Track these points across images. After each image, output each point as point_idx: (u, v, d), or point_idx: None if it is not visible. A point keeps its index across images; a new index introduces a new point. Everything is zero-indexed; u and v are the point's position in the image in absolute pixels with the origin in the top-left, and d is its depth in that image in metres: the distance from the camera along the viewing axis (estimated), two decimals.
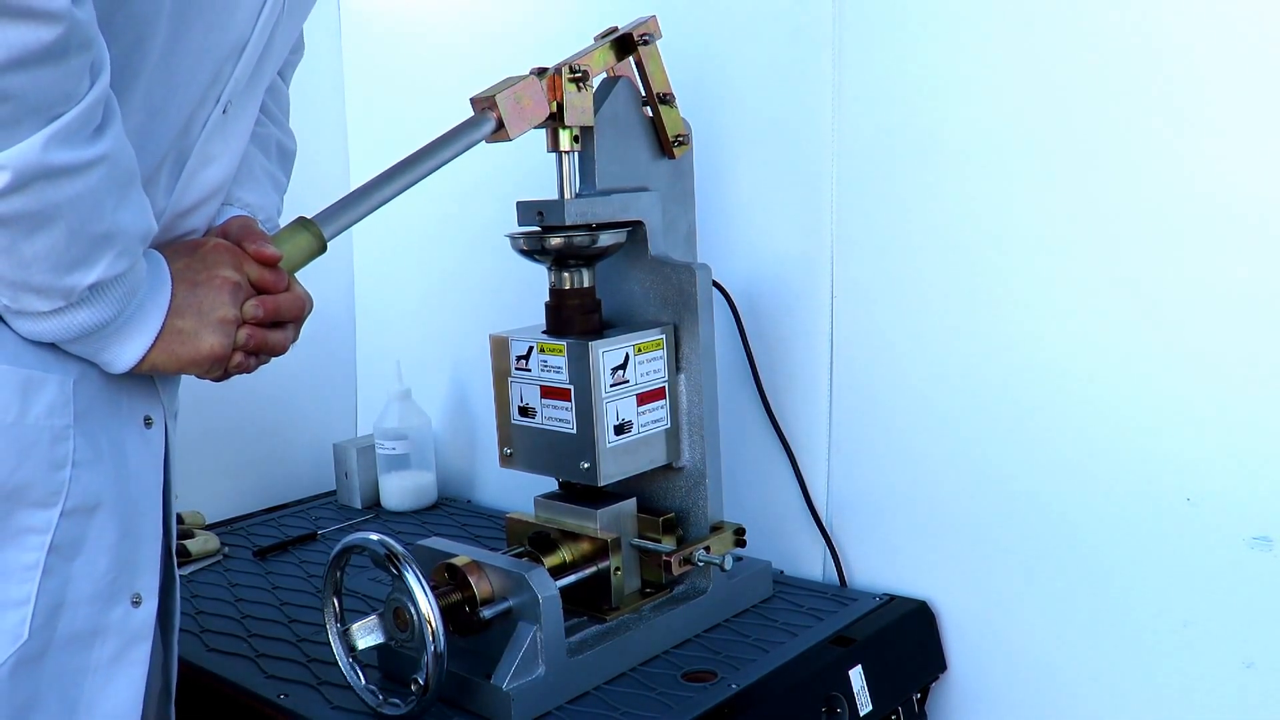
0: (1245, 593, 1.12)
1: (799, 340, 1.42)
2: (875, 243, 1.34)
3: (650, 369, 1.22)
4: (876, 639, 1.26)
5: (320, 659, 1.23)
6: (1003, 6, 1.21)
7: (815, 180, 1.38)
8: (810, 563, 1.44)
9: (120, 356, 0.81)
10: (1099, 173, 1.16)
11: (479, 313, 1.78)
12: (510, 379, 1.23)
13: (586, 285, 1.22)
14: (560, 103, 1.15)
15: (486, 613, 1.10)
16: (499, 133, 1.11)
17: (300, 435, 1.98)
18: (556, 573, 1.17)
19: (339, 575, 1.11)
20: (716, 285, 1.34)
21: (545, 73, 1.15)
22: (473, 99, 1.12)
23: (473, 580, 1.11)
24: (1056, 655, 1.25)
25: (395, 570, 1.03)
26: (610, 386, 1.17)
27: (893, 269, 1.33)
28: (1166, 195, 1.12)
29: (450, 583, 1.12)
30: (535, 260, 1.22)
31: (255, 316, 0.88)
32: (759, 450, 1.46)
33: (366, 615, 1.09)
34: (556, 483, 1.28)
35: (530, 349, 1.20)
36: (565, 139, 1.18)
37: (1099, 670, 1.23)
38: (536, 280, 1.28)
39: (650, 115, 1.29)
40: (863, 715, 1.20)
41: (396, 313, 1.99)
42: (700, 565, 1.24)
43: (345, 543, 1.09)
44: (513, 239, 1.21)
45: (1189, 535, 1.15)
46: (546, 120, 1.15)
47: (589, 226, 1.19)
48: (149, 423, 0.88)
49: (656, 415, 1.24)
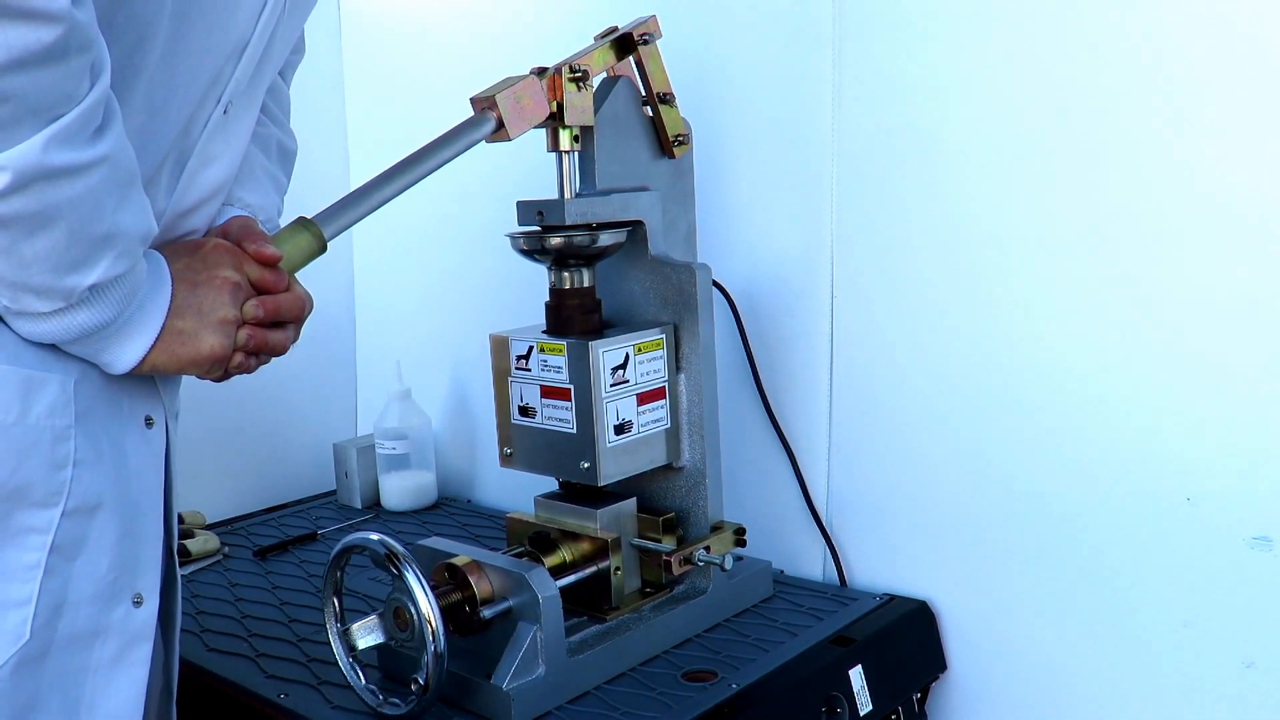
0: (1245, 593, 1.12)
1: (799, 340, 1.42)
2: (875, 243, 1.34)
3: (650, 369, 1.22)
4: (876, 639, 1.26)
5: (320, 659, 1.23)
6: (1003, 6, 1.21)
7: (815, 180, 1.38)
8: (810, 563, 1.44)
9: (120, 357, 0.81)
10: (1099, 172, 1.17)
11: (479, 313, 1.78)
12: (510, 379, 1.23)
13: (586, 285, 1.22)
14: (560, 102, 1.15)
15: (486, 613, 1.10)
16: (499, 133, 1.11)
17: (300, 435, 1.98)
18: (556, 573, 1.17)
19: (339, 575, 1.11)
20: (716, 285, 1.34)
21: (545, 72, 1.15)
22: (473, 99, 1.12)
23: (473, 580, 1.11)
24: (1056, 655, 1.26)
25: (395, 570, 1.03)
26: (610, 386, 1.17)
27: (893, 269, 1.33)
28: (1166, 195, 1.12)
29: (450, 583, 1.12)
30: (535, 260, 1.22)
31: (255, 317, 0.88)
32: (759, 450, 1.46)
33: (366, 615, 1.09)
34: (556, 482, 1.28)
35: (530, 349, 1.20)
36: (565, 139, 1.18)
37: (1099, 670, 1.23)
38: (536, 280, 1.28)
39: (650, 115, 1.29)
40: (863, 715, 1.20)
41: (396, 313, 1.99)
42: (700, 565, 1.24)
43: (345, 543, 1.09)
44: (513, 239, 1.21)
45: (1189, 535, 1.15)
46: (546, 120, 1.15)
47: (589, 226, 1.19)
48: (150, 423, 0.88)
49: (656, 415, 1.24)
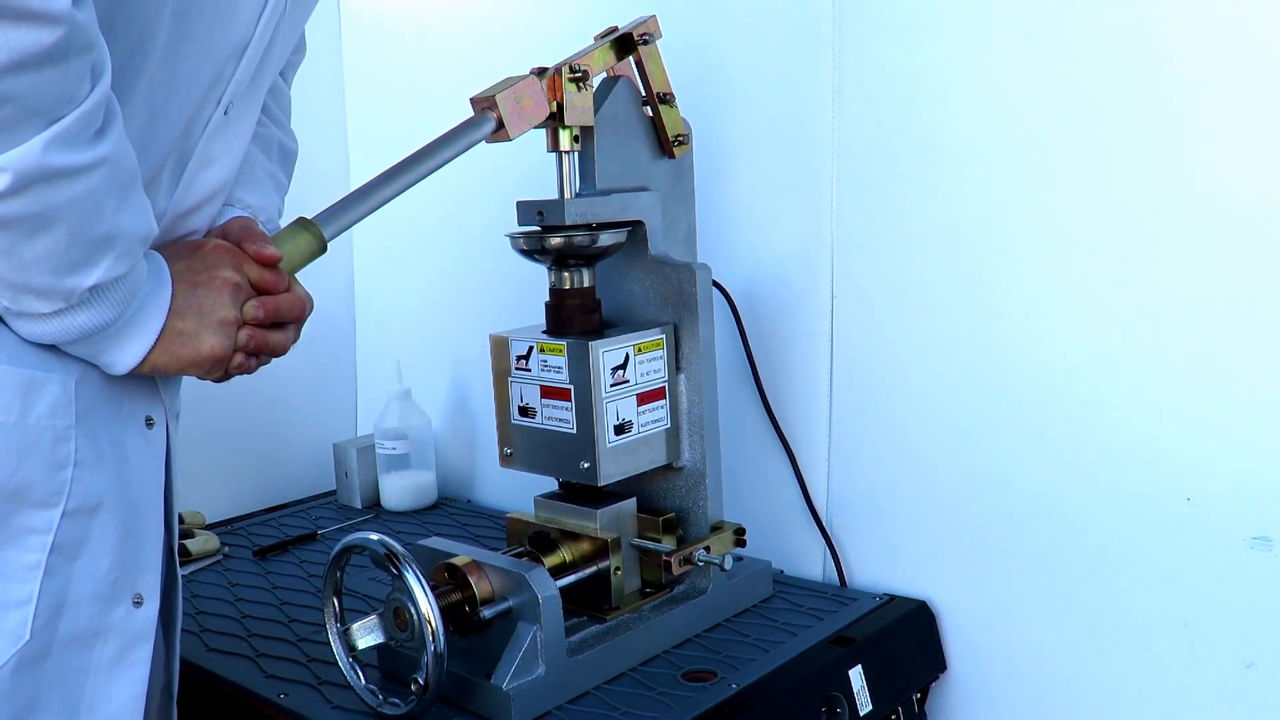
0: (1245, 593, 1.12)
1: (799, 340, 1.42)
2: (875, 243, 1.34)
3: (650, 369, 1.22)
4: (876, 639, 1.26)
5: (320, 659, 1.23)
6: (1003, 6, 1.21)
7: (815, 180, 1.38)
8: (810, 563, 1.44)
9: (121, 358, 0.81)
10: (1099, 172, 1.17)
11: (479, 313, 1.78)
12: (510, 379, 1.23)
13: (586, 285, 1.22)
14: (560, 102, 1.15)
15: (486, 613, 1.10)
16: (499, 133, 1.11)
17: (300, 435, 1.98)
18: (556, 573, 1.17)
19: (339, 575, 1.11)
20: (716, 285, 1.34)
21: (545, 73, 1.15)
22: (473, 99, 1.12)
23: (473, 580, 1.11)
24: (1056, 655, 1.26)
25: (395, 570, 1.03)
26: (610, 386, 1.17)
27: (893, 269, 1.33)
28: (1167, 194, 1.12)
29: (450, 583, 1.12)
30: (535, 260, 1.22)
31: (256, 317, 0.88)
32: (759, 450, 1.46)
33: (366, 615, 1.09)
34: (556, 482, 1.28)
35: (530, 349, 1.20)
36: (565, 139, 1.18)
37: (1099, 670, 1.23)
38: (536, 280, 1.28)
39: (650, 115, 1.29)
40: (863, 715, 1.20)
41: (396, 313, 1.99)
42: (700, 565, 1.24)
43: (345, 542, 1.09)
44: (513, 239, 1.21)
45: (1189, 535, 1.15)
46: (546, 120, 1.15)
47: (589, 226, 1.19)
48: (150, 423, 0.88)
49: (656, 415, 1.24)
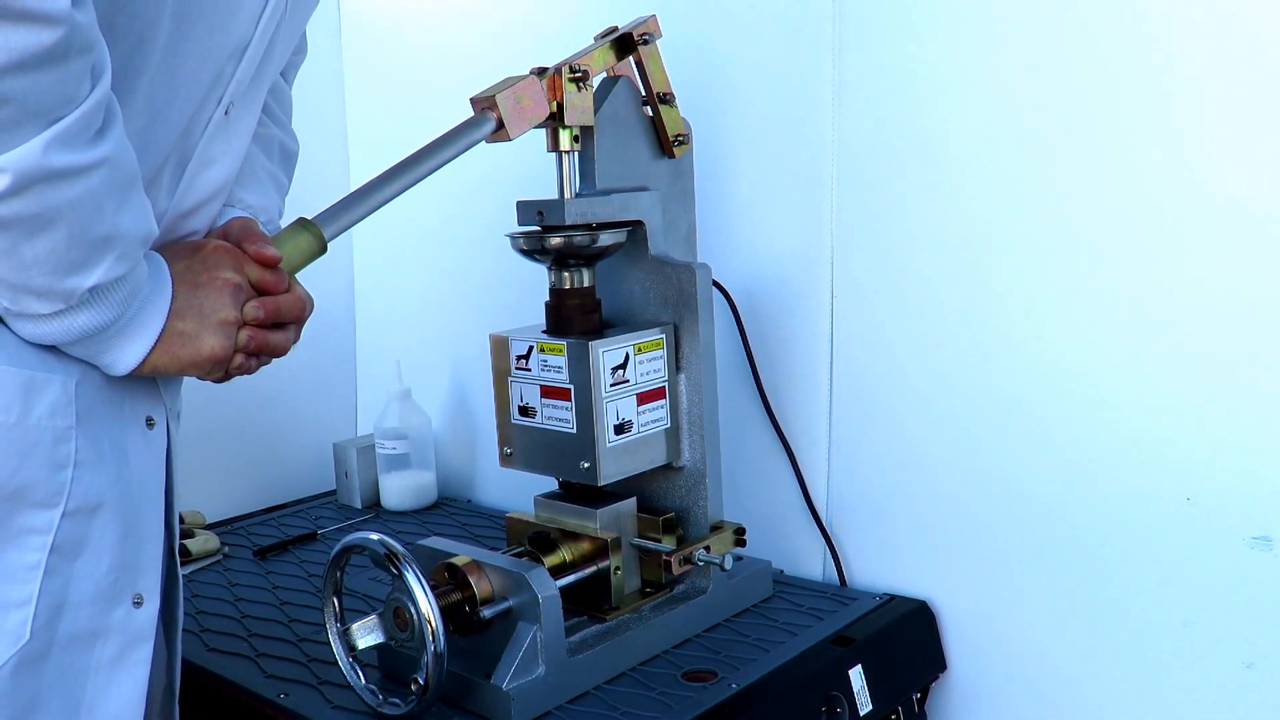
0: (1245, 593, 1.12)
1: (799, 340, 1.42)
2: (875, 243, 1.34)
3: (650, 369, 1.22)
4: (876, 639, 1.26)
5: (320, 659, 1.23)
6: (1003, 6, 1.21)
7: (815, 180, 1.38)
8: (810, 562, 1.44)
9: (121, 359, 0.82)
10: (1099, 172, 1.17)
11: (479, 313, 1.78)
12: (510, 379, 1.23)
13: (586, 285, 1.22)
14: (560, 102, 1.15)
15: (486, 612, 1.10)
16: (499, 133, 1.11)
17: (300, 435, 1.98)
18: (556, 572, 1.17)
19: (339, 575, 1.11)
20: (716, 285, 1.34)
21: (545, 72, 1.15)
22: (473, 99, 1.12)
23: (473, 580, 1.11)
24: (1057, 655, 1.26)
25: (395, 570, 1.03)
26: (610, 386, 1.17)
27: (893, 269, 1.33)
28: (1167, 194, 1.12)
29: (450, 582, 1.12)
30: (535, 260, 1.22)
31: (256, 318, 0.88)
32: (759, 450, 1.46)
33: (366, 615, 1.09)
34: (556, 482, 1.28)
35: (530, 349, 1.20)
36: (565, 139, 1.18)
37: (1099, 670, 1.23)
38: (536, 280, 1.28)
39: (650, 115, 1.29)
40: (863, 715, 1.20)
41: (396, 313, 1.99)
42: (700, 565, 1.24)
43: (345, 542, 1.09)
44: (513, 239, 1.21)
45: (1189, 535, 1.15)
46: (546, 120, 1.15)
47: (589, 226, 1.19)
48: (151, 423, 0.88)
49: (656, 415, 1.24)
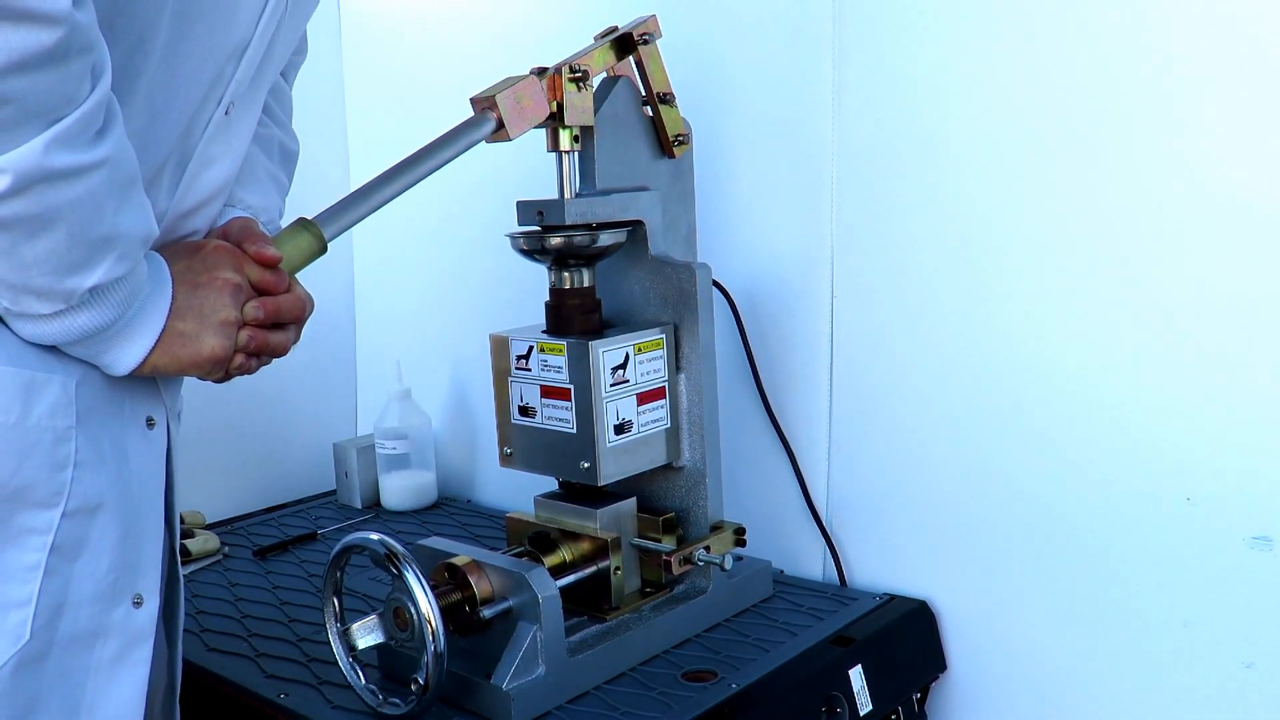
0: (1245, 593, 1.12)
1: (799, 340, 1.42)
2: (875, 242, 1.34)
3: (650, 369, 1.22)
4: (876, 639, 1.26)
5: (320, 659, 1.23)
6: (1003, 6, 1.21)
7: (815, 180, 1.38)
8: (810, 562, 1.44)
9: (121, 359, 0.82)
10: (1099, 172, 1.17)
11: (479, 313, 1.78)
12: (510, 379, 1.23)
13: (586, 285, 1.22)
14: (560, 102, 1.15)
15: (486, 612, 1.10)
16: (499, 133, 1.11)
17: (300, 435, 1.98)
18: (556, 572, 1.17)
19: (339, 575, 1.11)
20: (716, 285, 1.34)
21: (545, 72, 1.15)
22: (473, 99, 1.12)
23: (473, 580, 1.11)
24: (1057, 655, 1.26)
25: (395, 570, 1.03)
26: (610, 386, 1.17)
27: (893, 268, 1.33)
28: (1167, 194, 1.12)
29: (450, 582, 1.12)
30: (535, 260, 1.22)
31: (256, 318, 0.89)
32: (759, 450, 1.46)
33: (366, 615, 1.09)
34: (556, 482, 1.28)
35: (530, 348, 1.20)
36: (565, 139, 1.18)
37: (1099, 670, 1.23)
38: (536, 280, 1.28)
39: (650, 115, 1.29)
40: (863, 715, 1.20)
41: (396, 313, 1.99)
42: (700, 565, 1.24)
43: (345, 542, 1.09)
44: (513, 239, 1.21)
45: (1189, 535, 1.15)
46: (546, 120, 1.15)
47: (589, 226, 1.19)
48: (151, 423, 0.88)
49: (656, 415, 1.24)
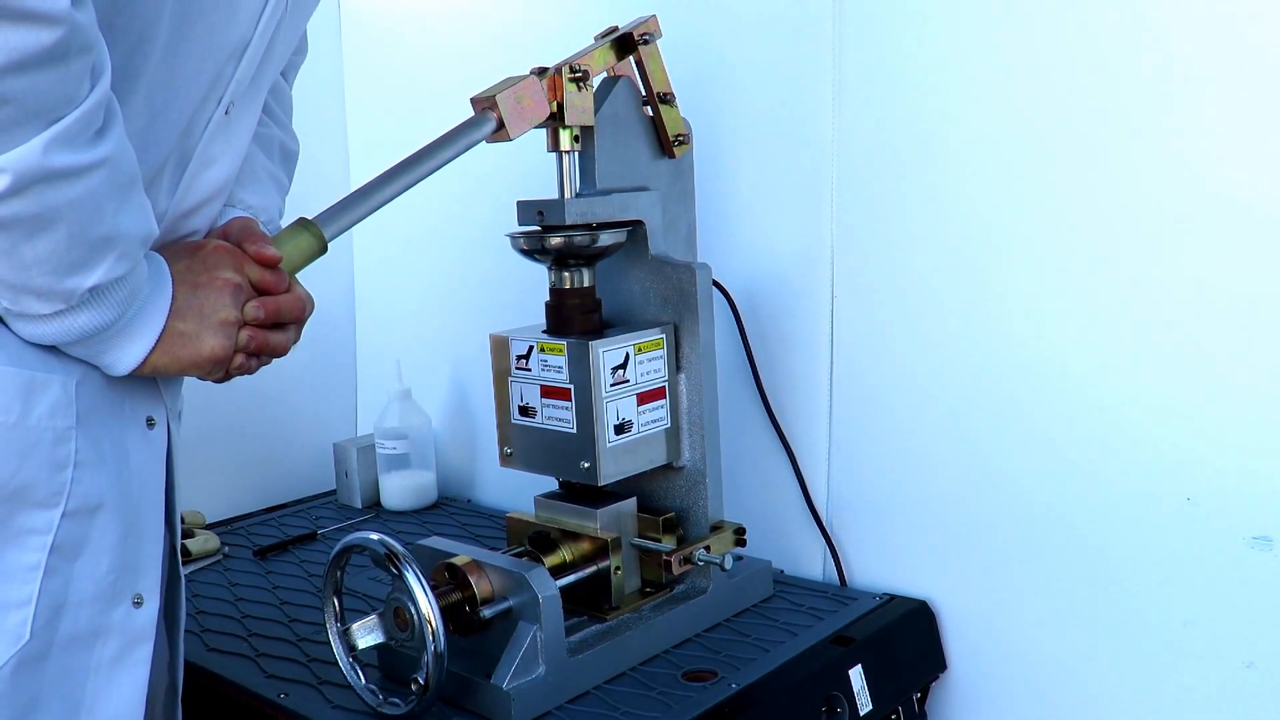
0: (1245, 593, 1.12)
1: (799, 340, 1.42)
2: (876, 242, 1.34)
3: (650, 368, 1.22)
4: (876, 639, 1.26)
5: (320, 659, 1.23)
6: (1003, 6, 1.21)
7: (815, 180, 1.38)
8: (810, 562, 1.44)
9: (121, 359, 0.82)
10: (1099, 172, 1.16)
11: (479, 313, 1.78)
12: (510, 378, 1.23)
13: (586, 285, 1.22)
14: (560, 102, 1.15)
15: (486, 612, 1.10)
16: (499, 133, 1.11)
17: (300, 435, 1.98)
18: (556, 572, 1.17)
19: (339, 575, 1.11)
20: (716, 285, 1.34)
21: (545, 72, 1.15)
22: (473, 99, 1.12)
23: (473, 580, 1.11)
24: (1057, 655, 1.26)
25: (395, 570, 1.03)
26: (610, 386, 1.17)
27: (893, 268, 1.33)
28: (1167, 194, 1.12)
29: (450, 582, 1.12)
30: (535, 260, 1.22)
31: (256, 318, 0.89)
32: (759, 450, 1.46)
33: (366, 615, 1.09)
34: (557, 482, 1.28)
35: (530, 348, 1.20)
36: (565, 139, 1.18)
37: (1099, 670, 1.23)
38: (536, 280, 1.28)
39: (650, 115, 1.29)
40: (863, 715, 1.20)
41: (396, 313, 1.99)
42: (700, 565, 1.24)
43: (345, 542, 1.09)
44: (513, 239, 1.21)
45: (1189, 535, 1.15)
46: (547, 120, 1.15)
47: (589, 226, 1.19)
48: (151, 423, 0.88)
49: (656, 415, 1.24)
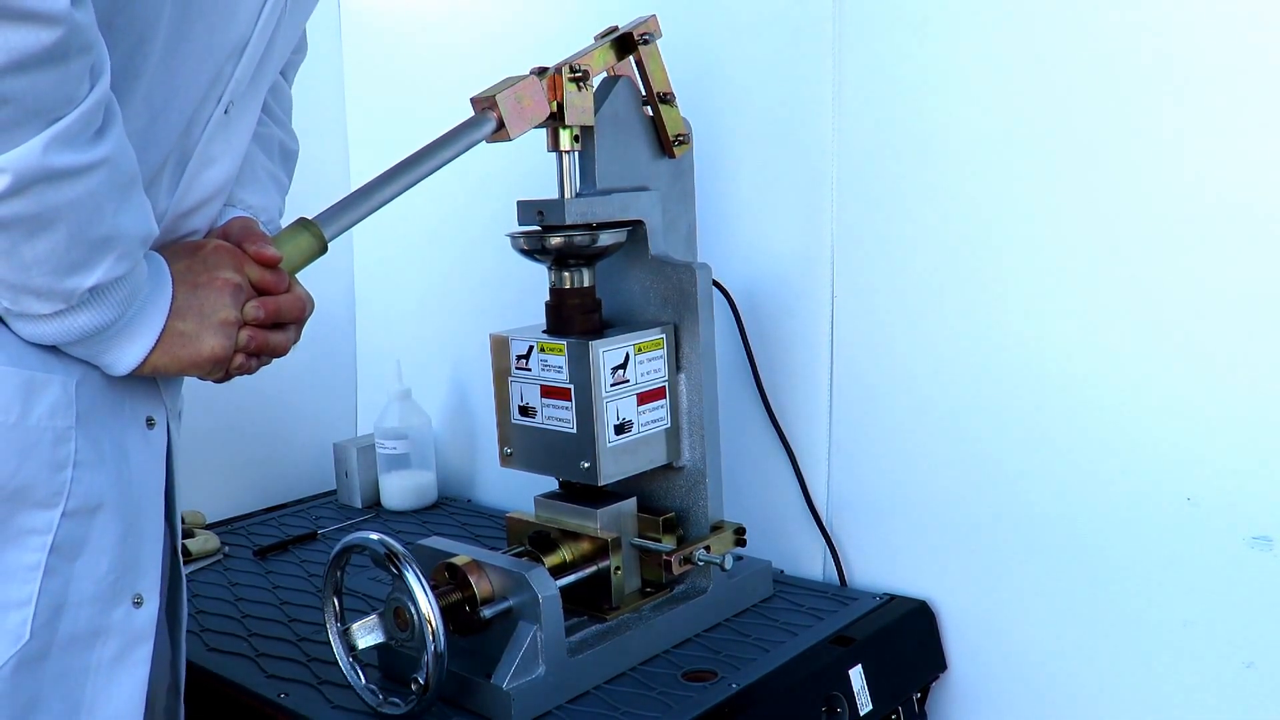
0: (1245, 593, 1.12)
1: (799, 340, 1.42)
2: (876, 242, 1.34)
3: (650, 368, 1.22)
4: (876, 639, 1.26)
5: (320, 659, 1.23)
6: (1003, 6, 1.21)
7: (815, 180, 1.38)
8: (810, 562, 1.44)
9: (121, 359, 0.82)
10: (1099, 172, 1.16)
11: (479, 313, 1.78)
12: (510, 378, 1.23)
13: (587, 285, 1.22)
14: (560, 102, 1.15)
15: (486, 612, 1.10)
16: (499, 133, 1.11)
17: (300, 435, 1.98)
18: (556, 572, 1.17)
19: (339, 575, 1.11)
20: (716, 285, 1.34)
21: (545, 72, 1.15)
22: (473, 99, 1.12)
23: (473, 580, 1.11)
24: (1057, 655, 1.26)
25: (395, 570, 1.03)
26: (610, 386, 1.17)
27: (893, 269, 1.33)
28: (1167, 194, 1.12)
29: (450, 582, 1.12)
30: (535, 260, 1.22)
31: (256, 318, 0.89)
32: (759, 450, 1.46)
33: (366, 615, 1.09)
34: (557, 482, 1.28)
35: (530, 348, 1.20)
36: (565, 138, 1.18)
37: (1099, 670, 1.23)
38: (536, 280, 1.28)
39: (650, 115, 1.29)
40: (863, 715, 1.20)
41: (396, 313, 1.99)
42: (700, 565, 1.24)
43: (345, 542, 1.09)
44: (513, 238, 1.21)
45: (1189, 535, 1.15)
46: (547, 120, 1.15)
47: (589, 226, 1.19)
48: (151, 423, 0.88)
49: (656, 415, 1.24)
